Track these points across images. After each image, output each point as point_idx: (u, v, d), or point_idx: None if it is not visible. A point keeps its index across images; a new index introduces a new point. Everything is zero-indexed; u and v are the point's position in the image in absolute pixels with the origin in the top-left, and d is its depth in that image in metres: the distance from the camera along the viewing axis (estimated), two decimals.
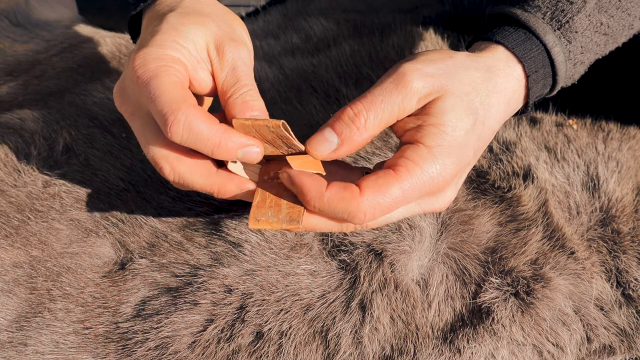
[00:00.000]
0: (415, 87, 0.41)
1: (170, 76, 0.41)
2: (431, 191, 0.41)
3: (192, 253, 0.49)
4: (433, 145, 0.41)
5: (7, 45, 0.73)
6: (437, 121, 0.41)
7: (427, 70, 0.42)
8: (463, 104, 0.42)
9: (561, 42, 0.46)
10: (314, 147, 0.41)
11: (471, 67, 0.44)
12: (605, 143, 0.58)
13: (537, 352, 0.47)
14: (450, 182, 0.42)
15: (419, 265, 0.49)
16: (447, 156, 0.41)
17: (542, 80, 0.46)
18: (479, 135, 0.43)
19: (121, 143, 0.57)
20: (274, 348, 0.45)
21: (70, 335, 0.46)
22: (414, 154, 0.41)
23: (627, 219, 0.52)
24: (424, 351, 0.46)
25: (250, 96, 0.42)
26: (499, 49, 0.45)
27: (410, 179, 0.40)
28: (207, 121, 0.39)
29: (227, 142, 0.40)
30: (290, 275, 0.48)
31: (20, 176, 0.54)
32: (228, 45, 0.44)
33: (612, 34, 0.49)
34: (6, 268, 0.48)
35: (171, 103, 0.39)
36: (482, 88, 0.43)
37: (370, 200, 0.39)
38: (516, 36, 0.45)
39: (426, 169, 0.40)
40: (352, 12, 0.76)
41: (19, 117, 0.60)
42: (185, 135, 0.39)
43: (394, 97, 0.41)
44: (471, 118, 0.42)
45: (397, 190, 0.39)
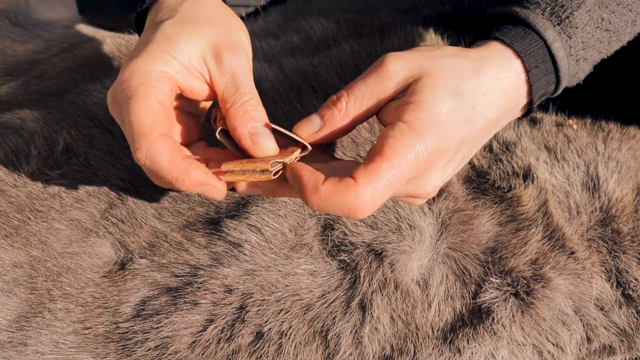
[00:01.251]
0: (392, 69, 0.42)
1: (147, 99, 0.41)
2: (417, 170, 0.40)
3: (192, 253, 0.49)
4: (411, 120, 0.40)
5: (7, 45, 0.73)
6: (416, 99, 0.41)
7: (408, 56, 0.43)
8: (445, 84, 0.41)
9: (561, 38, 0.46)
10: (298, 128, 0.43)
11: (459, 56, 0.44)
12: (605, 143, 0.58)
13: (537, 352, 0.47)
14: (434, 160, 0.41)
15: (419, 265, 0.49)
16: (428, 130, 0.40)
17: (544, 77, 0.46)
18: (468, 118, 0.42)
19: (121, 143, 0.57)
20: (274, 348, 0.45)
21: (70, 335, 0.46)
22: (393, 131, 0.40)
23: (627, 219, 0.52)
24: (424, 351, 0.46)
25: (251, 105, 0.43)
26: (496, 44, 0.45)
27: (396, 155, 0.39)
28: (168, 154, 0.40)
29: (185, 179, 0.40)
30: (290, 275, 0.48)
31: (20, 176, 0.54)
32: (226, 52, 0.44)
33: (615, 30, 0.48)
34: (6, 268, 0.48)
35: (138, 129, 0.40)
36: (469, 74, 0.43)
37: (368, 187, 0.38)
38: (515, 32, 0.45)
39: (408, 144, 0.39)
40: (352, 12, 0.76)
41: (19, 117, 0.60)
42: (147, 163, 0.40)
43: (371, 81, 0.42)
44: (454, 99, 0.41)
45: (388, 169, 0.39)
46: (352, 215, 0.39)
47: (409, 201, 0.46)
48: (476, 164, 0.56)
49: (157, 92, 0.42)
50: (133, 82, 0.41)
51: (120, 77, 0.42)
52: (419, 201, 0.46)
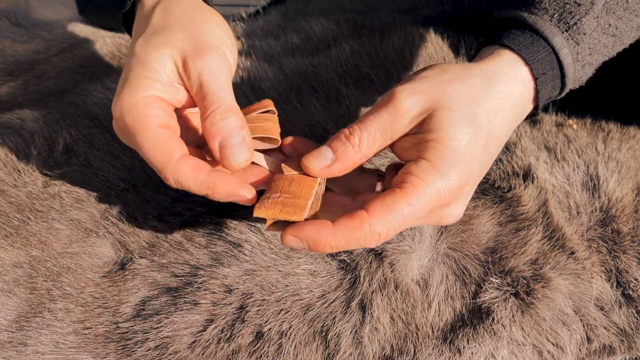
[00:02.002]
0: (405, 106, 0.42)
1: (148, 129, 0.42)
2: (439, 204, 0.41)
3: (192, 253, 0.49)
4: (434, 159, 0.40)
5: (7, 45, 0.73)
6: (435, 136, 0.41)
7: (418, 88, 0.42)
8: (460, 115, 0.41)
9: (569, 44, 0.45)
10: (309, 161, 0.42)
11: (468, 77, 0.43)
12: (605, 143, 0.58)
13: (537, 352, 0.47)
14: (456, 194, 0.41)
15: (419, 265, 0.49)
16: (450, 167, 0.40)
17: (551, 82, 0.46)
18: (485, 144, 0.42)
19: (121, 143, 0.57)
20: (274, 348, 0.45)
21: (70, 335, 0.46)
22: (417, 169, 0.40)
23: (627, 219, 0.52)
24: (424, 351, 0.46)
25: (219, 115, 0.42)
26: (505, 52, 0.45)
27: (416, 194, 0.39)
28: (193, 175, 0.41)
29: (214, 194, 0.42)
30: (290, 275, 0.48)
31: (20, 176, 0.54)
32: (192, 59, 0.43)
33: (620, 35, 0.48)
34: (6, 268, 0.48)
35: (158, 162, 0.42)
36: (481, 95, 0.43)
37: (382, 220, 0.39)
38: (523, 39, 0.45)
39: (431, 182, 0.40)
40: (352, 12, 0.76)
41: (19, 117, 0.60)
42: (179, 187, 0.42)
43: (384, 117, 0.42)
44: (471, 128, 0.41)
45: (405, 206, 0.39)
46: (367, 245, 0.40)
47: None
48: None
49: (153, 119, 0.42)
50: (127, 119, 0.42)
51: (114, 115, 0.43)
52: None
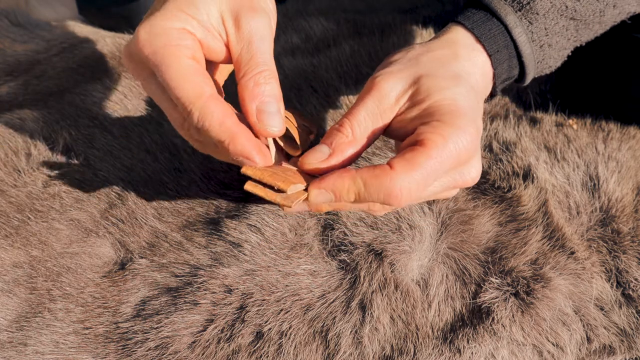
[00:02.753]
0: (386, 87, 0.42)
1: (180, 60, 0.40)
2: (459, 160, 0.40)
3: (192, 253, 0.49)
4: (442, 117, 0.40)
5: (7, 45, 0.73)
6: (431, 101, 0.41)
7: (392, 70, 0.43)
8: (443, 77, 0.42)
9: (522, 23, 0.46)
10: (306, 158, 0.42)
11: (431, 50, 0.44)
12: (605, 143, 0.58)
13: (537, 352, 0.47)
14: (475, 146, 0.41)
15: (419, 265, 0.49)
16: (460, 119, 0.40)
17: (506, 61, 0.46)
18: (476, 98, 0.43)
19: (121, 143, 0.57)
20: (274, 348, 0.45)
21: (70, 335, 0.46)
22: (429, 128, 0.40)
23: (627, 219, 0.52)
24: (424, 351, 0.46)
25: (263, 78, 0.41)
26: (458, 29, 0.46)
27: (438, 149, 0.39)
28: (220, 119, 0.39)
29: (230, 145, 0.39)
30: (290, 275, 0.48)
31: (20, 176, 0.54)
32: (246, 15, 0.42)
33: (582, 19, 0.49)
34: (6, 268, 0.48)
35: (187, 97, 0.39)
36: (451, 60, 0.44)
37: (404, 175, 0.38)
38: (477, 17, 0.46)
39: (448, 136, 0.39)
40: (352, 12, 0.76)
41: (19, 117, 0.60)
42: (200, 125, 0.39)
43: (370, 103, 0.42)
44: (459, 85, 0.42)
45: (426, 160, 0.38)
46: (388, 200, 0.38)
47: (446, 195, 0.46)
48: None
49: (185, 50, 0.40)
50: (156, 44, 0.40)
51: (137, 39, 0.40)
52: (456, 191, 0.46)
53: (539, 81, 0.64)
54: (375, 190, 0.38)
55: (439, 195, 0.44)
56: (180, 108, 0.40)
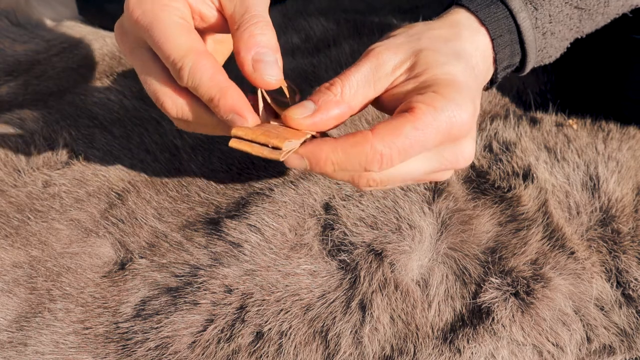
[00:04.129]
0: (384, 56, 0.41)
1: (170, 17, 0.39)
2: (451, 135, 0.39)
3: (192, 253, 0.49)
4: (438, 89, 0.39)
5: (7, 45, 0.73)
6: (429, 74, 0.40)
7: (392, 43, 0.42)
8: (444, 52, 0.42)
9: (527, 8, 0.46)
10: (291, 111, 0.40)
11: (433, 28, 0.44)
12: (605, 143, 0.58)
13: (537, 352, 0.47)
14: (470, 124, 0.40)
15: (419, 265, 0.49)
16: (457, 93, 0.39)
17: (509, 47, 0.46)
18: (475, 78, 0.42)
19: (121, 143, 0.57)
20: (274, 348, 0.45)
21: (70, 335, 0.46)
22: (423, 97, 0.39)
23: (627, 219, 0.52)
24: (424, 351, 0.46)
25: (259, 29, 0.40)
26: (461, 11, 0.45)
27: (425, 118, 0.38)
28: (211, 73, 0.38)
29: (221, 100, 0.38)
30: (290, 275, 0.48)
31: (20, 176, 0.54)
32: None
33: (586, 8, 0.48)
34: (6, 268, 0.48)
35: (177, 49, 0.38)
36: (453, 40, 0.43)
37: (385, 141, 0.37)
38: (480, 0, 0.45)
39: (441, 108, 0.38)
40: (352, 12, 0.76)
41: (19, 117, 0.60)
42: (189, 82, 0.39)
43: (366, 67, 0.41)
44: (459, 60, 0.42)
45: (412, 129, 0.37)
46: (369, 167, 0.38)
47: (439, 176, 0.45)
48: (476, 164, 0.56)
49: (174, 10, 0.40)
50: (145, 6, 0.39)
51: (128, 2, 0.40)
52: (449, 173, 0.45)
53: (539, 81, 0.64)
54: (356, 159, 0.37)
55: (431, 177, 0.43)
56: (170, 66, 0.39)
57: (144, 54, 0.42)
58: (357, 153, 0.37)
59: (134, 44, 0.42)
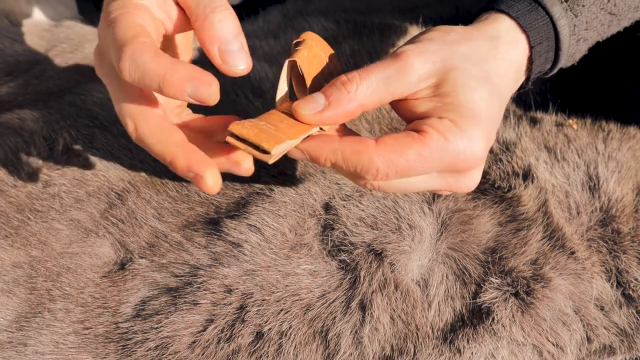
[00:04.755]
0: (413, 64, 0.40)
1: (129, 19, 0.38)
2: (457, 167, 0.40)
3: (192, 253, 0.49)
4: (456, 119, 0.39)
5: (7, 45, 0.73)
6: (453, 99, 0.40)
7: (426, 48, 0.41)
8: (473, 75, 0.41)
9: (567, 15, 0.45)
10: (299, 105, 0.40)
11: (472, 38, 0.42)
12: (605, 143, 0.58)
13: (537, 352, 0.47)
14: (480, 159, 0.40)
15: (419, 265, 0.49)
16: (474, 128, 0.39)
17: (545, 54, 0.45)
18: (499, 105, 0.42)
19: (121, 143, 0.57)
20: (274, 348, 0.45)
21: (70, 335, 0.46)
22: (439, 124, 0.39)
23: (627, 219, 0.52)
24: (424, 351, 0.46)
25: (216, 16, 0.38)
26: (503, 17, 0.44)
27: (431, 147, 0.38)
28: (152, 53, 0.36)
29: (173, 76, 0.36)
30: (290, 275, 0.48)
31: (20, 176, 0.54)
32: None
33: (618, 13, 0.48)
34: (6, 268, 0.48)
35: (121, 40, 0.37)
36: (489, 57, 0.42)
37: (385, 157, 0.37)
38: (521, 6, 0.44)
39: (452, 141, 0.38)
40: (352, 12, 0.76)
41: (19, 117, 0.60)
42: (133, 71, 0.36)
43: (390, 70, 0.40)
44: (486, 88, 0.41)
45: (415, 154, 0.38)
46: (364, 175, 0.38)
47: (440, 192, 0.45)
48: None
49: (138, 18, 0.39)
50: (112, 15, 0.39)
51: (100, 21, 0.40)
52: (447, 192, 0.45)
53: (539, 81, 0.64)
54: (353, 166, 0.38)
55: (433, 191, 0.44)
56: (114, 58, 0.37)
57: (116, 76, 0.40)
58: (355, 161, 0.38)
59: (107, 66, 0.41)
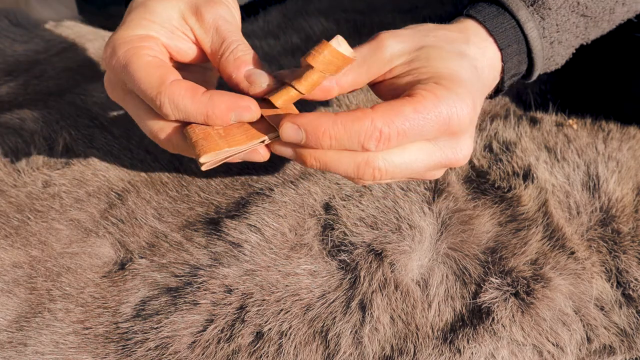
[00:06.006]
0: (386, 43, 0.42)
1: (142, 57, 0.40)
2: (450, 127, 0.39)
3: (192, 253, 0.49)
4: (439, 80, 0.40)
5: (7, 45, 0.73)
6: (431, 68, 0.41)
7: (400, 33, 0.43)
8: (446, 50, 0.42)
9: (534, 18, 0.46)
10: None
11: (443, 28, 0.44)
12: (605, 143, 0.58)
13: (537, 352, 0.47)
14: (470, 119, 0.40)
15: (419, 265, 0.49)
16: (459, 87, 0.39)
17: (516, 57, 0.46)
18: (478, 78, 0.43)
19: (121, 143, 0.57)
20: (274, 348, 0.45)
21: (70, 335, 0.46)
22: (425, 85, 0.39)
23: (627, 219, 0.52)
24: (424, 351, 0.46)
25: (241, 51, 0.42)
26: (470, 22, 0.46)
27: (425, 104, 0.38)
28: (189, 95, 0.39)
29: (215, 111, 0.39)
30: (290, 275, 0.48)
31: (20, 176, 0.54)
32: (204, 8, 0.43)
33: (592, 16, 0.48)
34: (6, 268, 0.48)
35: (151, 87, 0.39)
36: (460, 42, 0.43)
37: (385, 119, 0.37)
38: (488, 11, 0.46)
39: (442, 97, 0.39)
40: (352, 12, 0.76)
41: (19, 117, 0.60)
42: (177, 114, 0.39)
43: (363, 50, 0.42)
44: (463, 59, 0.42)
45: (411, 110, 0.38)
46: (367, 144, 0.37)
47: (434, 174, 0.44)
48: (476, 164, 0.56)
49: (147, 50, 0.41)
50: (119, 53, 0.41)
51: (105, 55, 0.42)
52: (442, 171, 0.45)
53: (539, 81, 0.64)
54: (355, 135, 0.37)
55: (430, 173, 0.43)
56: (153, 106, 0.40)
57: (134, 99, 0.42)
58: (356, 128, 0.37)
59: (121, 92, 0.43)
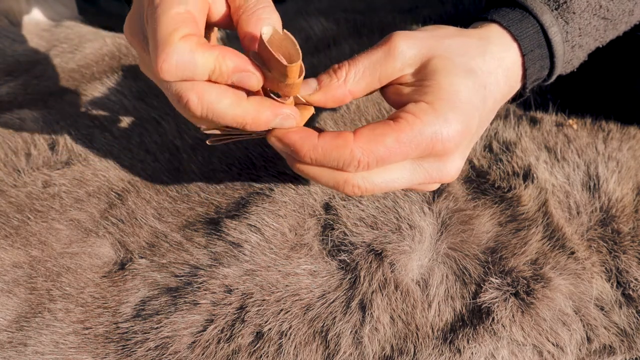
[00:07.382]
0: (399, 47, 0.42)
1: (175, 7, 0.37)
2: (434, 150, 0.40)
3: (192, 253, 0.49)
4: (433, 100, 0.40)
5: (7, 45, 0.73)
6: (433, 82, 0.41)
7: (415, 35, 0.42)
8: (456, 65, 0.41)
9: (558, 23, 0.45)
10: None
11: (462, 35, 0.44)
12: (605, 143, 0.58)
13: (537, 352, 0.47)
14: (455, 143, 0.40)
15: (419, 265, 0.49)
16: (450, 110, 0.39)
17: (539, 61, 0.46)
18: (483, 97, 0.42)
19: (121, 143, 0.57)
20: (274, 348, 0.45)
21: (70, 335, 0.46)
22: (414, 108, 0.40)
23: (627, 219, 0.52)
24: (424, 351, 0.46)
25: (266, 13, 0.39)
26: (494, 27, 0.45)
27: (408, 131, 0.39)
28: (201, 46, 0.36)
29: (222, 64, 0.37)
30: (290, 275, 0.48)
31: (20, 176, 0.54)
32: None
33: (612, 18, 0.48)
34: (6, 268, 0.48)
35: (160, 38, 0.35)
36: (475, 53, 0.43)
37: (364, 148, 0.38)
38: (512, 15, 0.45)
39: (427, 122, 0.39)
40: (352, 12, 0.76)
41: (19, 117, 0.60)
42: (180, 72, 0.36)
43: (376, 56, 0.42)
44: (469, 78, 0.41)
45: (392, 140, 0.38)
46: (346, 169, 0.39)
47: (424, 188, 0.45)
48: (476, 164, 0.56)
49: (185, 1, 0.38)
50: None
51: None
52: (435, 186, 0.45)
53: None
54: (334, 160, 0.39)
55: (416, 187, 0.44)
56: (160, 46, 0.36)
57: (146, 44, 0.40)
58: (335, 156, 0.39)
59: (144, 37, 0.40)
